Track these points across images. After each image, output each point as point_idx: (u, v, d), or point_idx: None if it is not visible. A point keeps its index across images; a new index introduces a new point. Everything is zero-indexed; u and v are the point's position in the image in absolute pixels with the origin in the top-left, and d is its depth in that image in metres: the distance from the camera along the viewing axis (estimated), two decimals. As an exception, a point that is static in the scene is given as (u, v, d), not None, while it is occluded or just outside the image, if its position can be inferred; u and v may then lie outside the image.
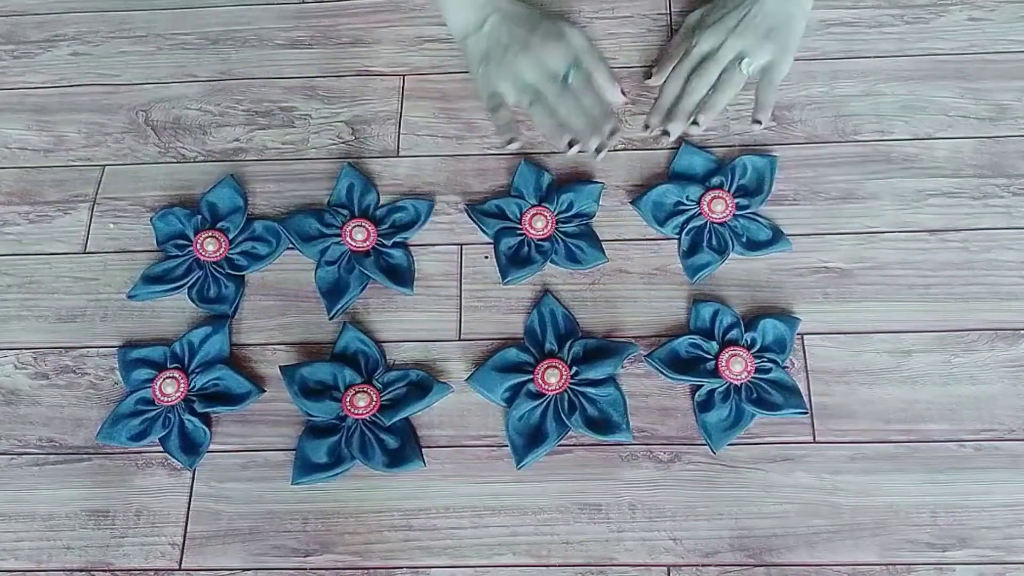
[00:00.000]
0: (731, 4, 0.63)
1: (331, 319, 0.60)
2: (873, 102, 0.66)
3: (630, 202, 0.63)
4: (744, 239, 0.61)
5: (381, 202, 0.64)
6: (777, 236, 0.61)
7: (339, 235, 0.62)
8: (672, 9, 0.71)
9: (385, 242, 0.62)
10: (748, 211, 0.61)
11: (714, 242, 0.61)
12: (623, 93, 0.63)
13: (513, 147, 0.60)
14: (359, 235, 0.61)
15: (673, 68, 0.62)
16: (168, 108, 0.69)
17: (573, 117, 0.59)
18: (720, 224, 0.61)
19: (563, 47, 0.61)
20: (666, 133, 0.60)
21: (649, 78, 0.66)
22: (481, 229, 0.62)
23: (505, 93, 0.61)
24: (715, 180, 0.62)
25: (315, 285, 0.61)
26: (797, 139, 0.64)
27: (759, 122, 0.60)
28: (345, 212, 0.63)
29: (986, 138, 0.64)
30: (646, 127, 0.61)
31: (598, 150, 0.59)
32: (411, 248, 0.63)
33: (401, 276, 0.61)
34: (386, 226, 0.63)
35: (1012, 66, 0.66)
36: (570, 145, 0.58)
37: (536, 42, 0.61)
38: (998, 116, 0.65)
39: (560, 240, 0.61)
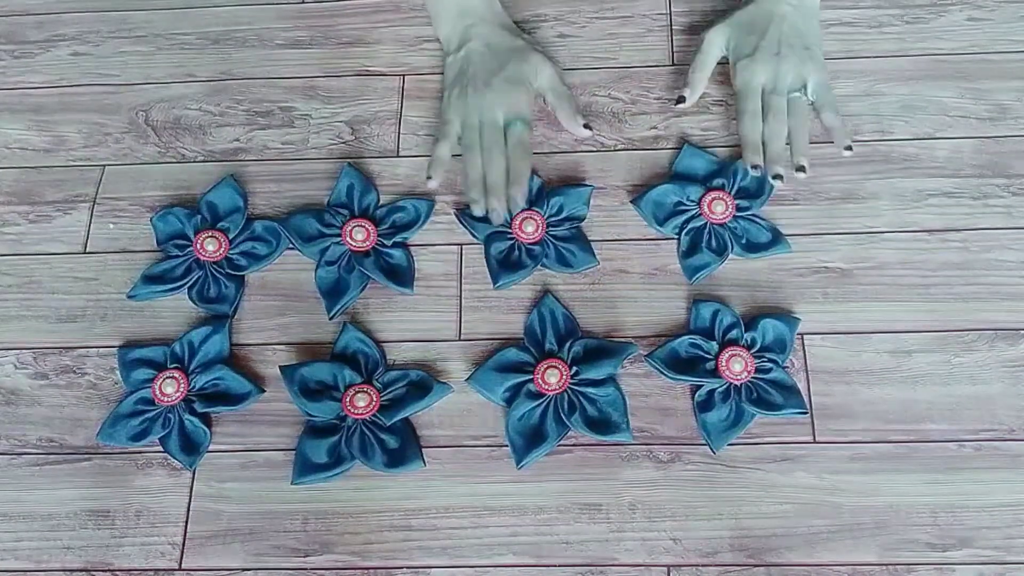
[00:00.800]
0: (758, 27, 0.63)
1: (331, 319, 0.60)
2: (873, 102, 0.66)
3: (630, 201, 0.63)
4: (744, 241, 0.61)
5: (381, 202, 0.64)
6: (776, 238, 0.61)
7: (339, 235, 0.62)
8: (672, 9, 0.71)
9: (385, 242, 0.62)
10: (748, 213, 0.61)
11: (713, 243, 0.61)
12: (587, 127, 0.64)
13: (430, 185, 0.61)
14: (359, 235, 0.61)
15: (741, 109, 0.61)
16: (168, 108, 0.69)
17: (491, 172, 0.61)
18: (720, 225, 0.61)
19: (519, 95, 0.63)
20: (778, 176, 0.59)
21: (681, 102, 0.64)
22: (471, 234, 0.62)
23: (455, 126, 0.63)
24: (716, 181, 0.62)
25: (315, 285, 0.61)
26: (797, 139, 0.64)
27: (850, 148, 0.60)
28: (345, 212, 0.63)
29: (986, 138, 0.64)
30: (754, 167, 0.59)
31: (491, 209, 0.59)
32: (411, 248, 0.63)
33: (401, 276, 0.61)
34: (386, 226, 0.63)
35: (1012, 66, 0.66)
36: (472, 203, 0.60)
37: (496, 85, 0.63)
38: (998, 116, 0.65)
39: (551, 244, 0.61)
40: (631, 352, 0.58)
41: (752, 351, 0.57)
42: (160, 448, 0.57)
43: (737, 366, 0.56)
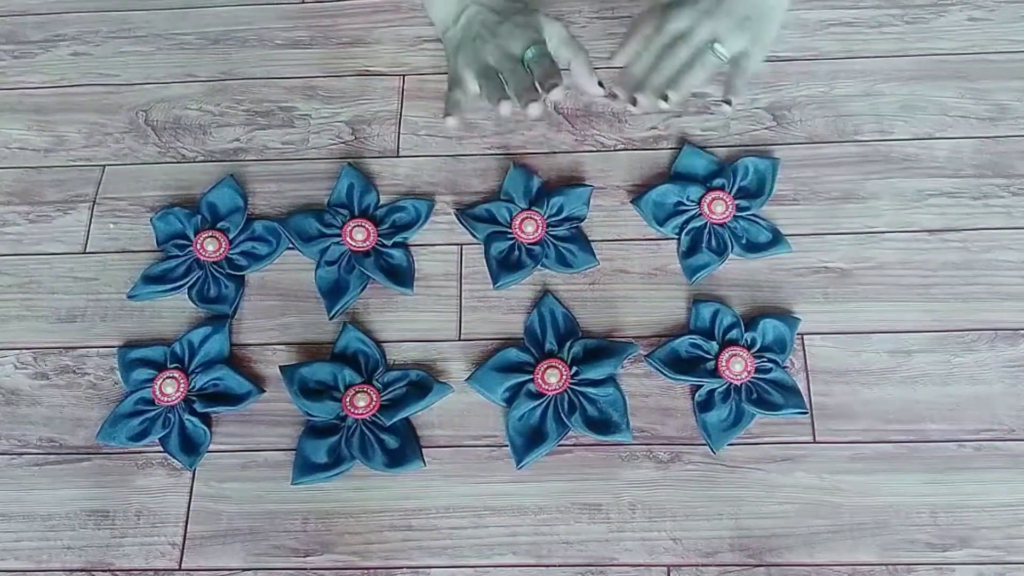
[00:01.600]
0: None
1: (331, 319, 0.60)
2: (873, 102, 0.66)
3: (630, 201, 0.63)
4: (744, 241, 0.61)
5: (381, 202, 0.64)
6: (777, 238, 0.61)
7: (339, 235, 0.62)
8: (672, 9, 0.71)
9: (385, 242, 0.62)
10: (748, 213, 0.61)
11: (713, 243, 0.61)
12: (600, 84, 0.59)
13: (449, 122, 0.56)
14: (359, 235, 0.61)
15: (636, 31, 0.58)
16: (168, 108, 0.69)
17: (521, 88, 0.56)
18: (720, 225, 0.61)
19: (528, 33, 0.58)
20: (634, 101, 0.56)
21: (612, 57, 0.61)
22: (471, 234, 0.62)
23: (466, 78, 0.58)
24: (716, 181, 0.62)
25: (315, 285, 0.61)
26: (797, 139, 0.64)
27: (729, 102, 0.56)
28: (345, 212, 0.63)
29: (986, 138, 0.64)
30: (612, 95, 0.57)
31: (530, 103, 0.54)
32: (411, 248, 0.63)
33: (401, 276, 0.61)
34: (386, 226, 0.63)
35: (1012, 66, 0.66)
36: (503, 101, 0.55)
37: (503, 30, 0.58)
38: (998, 116, 0.65)
39: (551, 244, 0.61)
40: (631, 352, 0.58)
41: (752, 351, 0.57)
42: (160, 448, 0.57)
43: (737, 366, 0.56)
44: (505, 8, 0.61)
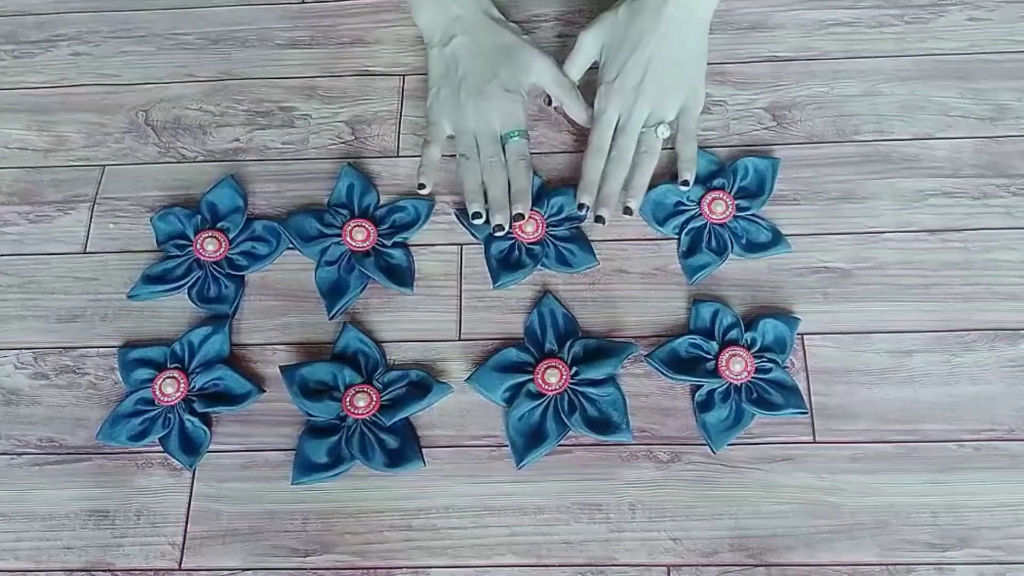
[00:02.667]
0: (629, 43, 0.61)
1: (331, 319, 0.60)
2: (873, 102, 0.66)
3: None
4: (744, 240, 0.61)
5: (381, 202, 0.64)
6: (777, 238, 0.61)
7: (339, 235, 0.62)
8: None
9: (385, 242, 0.62)
10: (748, 212, 0.61)
11: (713, 243, 0.61)
12: (590, 115, 0.63)
13: (422, 192, 0.61)
14: (359, 235, 0.61)
15: (589, 142, 0.61)
16: (168, 108, 0.69)
17: (492, 186, 0.60)
18: (720, 225, 0.61)
19: (516, 104, 0.62)
20: (600, 219, 0.59)
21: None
22: (471, 234, 0.62)
23: (445, 129, 0.62)
24: (716, 182, 0.62)
25: (315, 285, 0.61)
26: (797, 139, 0.64)
27: (687, 183, 0.60)
28: (345, 212, 0.63)
29: (986, 138, 0.64)
30: (581, 207, 0.60)
31: (498, 227, 0.59)
32: (411, 248, 0.63)
33: (401, 276, 0.61)
34: (386, 226, 0.63)
35: (1012, 66, 0.66)
36: (474, 216, 0.60)
37: (490, 92, 0.61)
38: (998, 116, 0.65)
39: (551, 243, 0.61)
40: (631, 352, 0.58)
41: (752, 351, 0.57)
42: (160, 448, 0.57)
43: (737, 366, 0.56)
44: (495, 49, 0.63)
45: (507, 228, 0.60)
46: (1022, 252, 0.60)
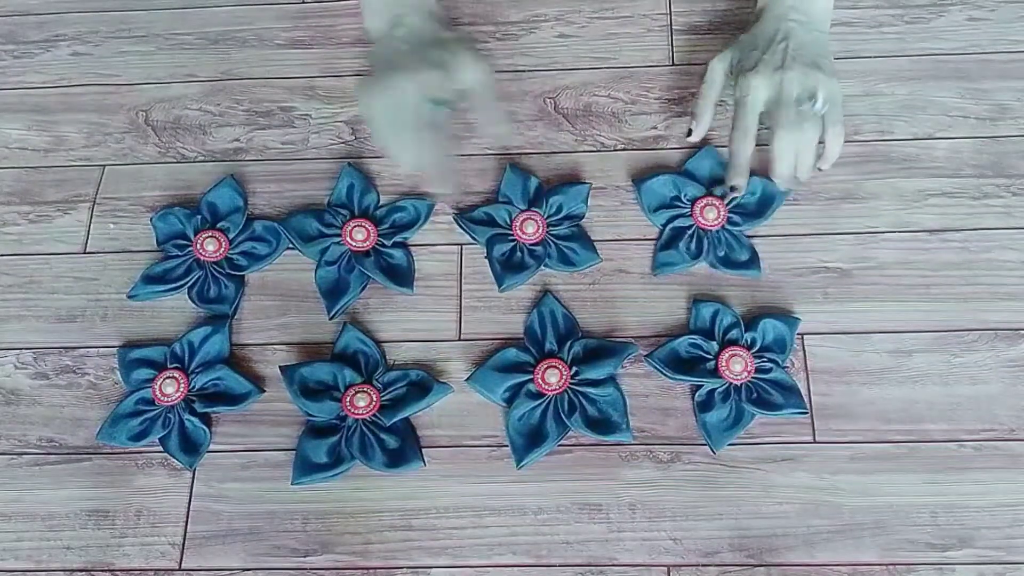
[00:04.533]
0: (762, 43, 0.59)
1: (331, 319, 0.60)
2: (873, 102, 0.66)
3: (632, 181, 0.63)
4: (722, 253, 0.60)
5: (381, 202, 0.64)
6: (752, 260, 0.60)
7: (339, 235, 0.62)
8: (672, 9, 0.71)
9: (385, 242, 0.62)
10: (737, 229, 0.61)
11: (692, 246, 0.60)
12: (507, 136, 0.62)
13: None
14: (359, 235, 0.61)
15: (735, 125, 0.58)
16: (168, 108, 0.69)
17: (423, 156, 0.56)
18: (704, 231, 0.61)
19: (443, 79, 0.57)
20: (781, 179, 0.57)
21: (689, 135, 0.61)
22: (472, 236, 0.62)
23: (374, 109, 0.57)
24: (718, 190, 0.61)
25: (315, 285, 0.61)
26: (797, 139, 0.64)
27: (820, 169, 0.58)
28: (345, 212, 0.63)
29: (986, 138, 0.64)
30: (734, 188, 0.57)
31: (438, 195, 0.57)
32: (411, 248, 0.63)
33: (401, 276, 0.61)
34: (386, 226, 0.63)
35: (1012, 66, 0.66)
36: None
37: (421, 69, 0.57)
38: (998, 116, 0.65)
39: (552, 243, 0.61)
40: (631, 352, 0.58)
41: (752, 351, 0.57)
42: (160, 448, 0.57)
43: (737, 366, 0.56)
44: (431, 38, 0.59)
45: (455, 191, 0.56)
46: (1022, 252, 0.60)
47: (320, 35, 0.71)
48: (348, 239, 0.61)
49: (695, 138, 0.61)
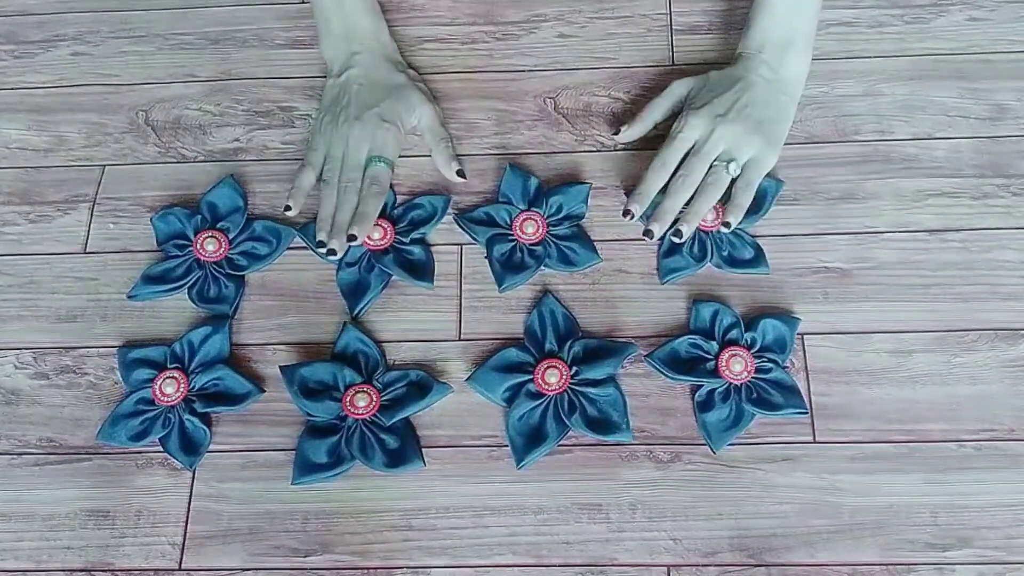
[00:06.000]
0: (722, 86, 0.61)
1: (354, 318, 0.60)
2: (873, 102, 0.66)
3: (625, 192, 0.63)
4: (726, 253, 0.60)
5: (398, 202, 0.64)
6: (758, 258, 0.60)
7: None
8: (672, 9, 0.71)
9: (403, 239, 0.62)
10: (737, 227, 0.61)
11: (695, 249, 0.60)
12: (461, 175, 0.63)
13: (289, 214, 0.62)
14: (376, 234, 0.62)
15: (657, 154, 0.60)
16: (168, 108, 0.69)
17: (341, 209, 0.61)
18: (704, 232, 0.61)
19: (387, 134, 0.63)
20: (648, 232, 0.58)
21: (617, 134, 0.64)
22: (472, 237, 0.62)
23: (318, 154, 0.63)
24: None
25: (337, 287, 0.61)
26: (797, 139, 0.64)
27: (728, 224, 0.58)
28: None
29: (986, 138, 0.64)
30: (627, 213, 0.58)
31: (330, 252, 0.59)
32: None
33: (421, 271, 0.61)
34: (404, 224, 0.63)
35: (1012, 66, 0.66)
36: (317, 245, 0.60)
37: (367, 119, 0.62)
38: (998, 116, 0.65)
39: (552, 243, 0.61)
40: (631, 352, 0.58)
41: (752, 351, 0.57)
42: (160, 448, 0.57)
43: (737, 366, 0.56)
44: (384, 85, 0.65)
45: (339, 253, 0.59)
46: (1022, 252, 0.60)
47: (320, 35, 0.71)
48: (366, 239, 0.61)
49: (621, 139, 0.64)
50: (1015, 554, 0.52)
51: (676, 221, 0.58)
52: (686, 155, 0.60)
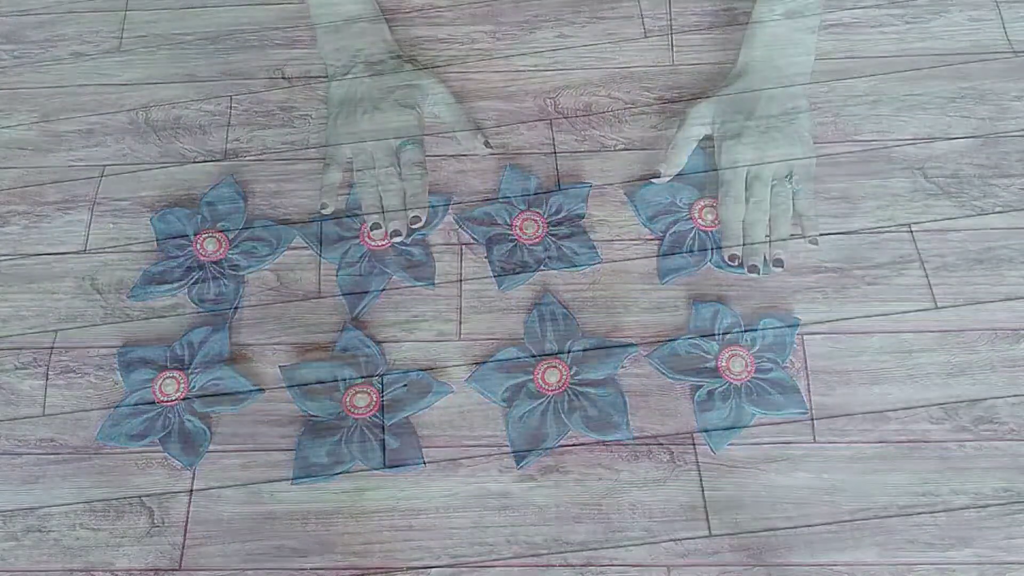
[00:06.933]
0: (744, 106, 0.62)
1: (354, 319, 0.60)
2: (873, 102, 0.66)
3: (625, 193, 0.63)
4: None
5: None
6: None
7: (357, 236, 0.62)
8: (672, 9, 0.71)
9: (404, 239, 0.62)
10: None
11: (695, 249, 0.60)
12: (487, 144, 0.64)
13: (325, 212, 0.62)
14: (377, 235, 0.62)
15: (724, 193, 0.60)
16: (168, 108, 0.69)
17: (388, 196, 0.61)
18: (705, 232, 0.61)
19: (410, 117, 0.63)
20: (755, 268, 0.59)
21: (657, 177, 0.62)
22: (472, 237, 0.62)
23: (344, 151, 0.64)
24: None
25: (337, 287, 0.61)
26: (797, 139, 0.64)
27: (816, 241, 0.60)
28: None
29: (986, 138, 0.64)
30: (733, 258, 0.59)
31: (395, 233, 0.60)
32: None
33: (420, 271, 0.61)
34: None
35: (1012, 66, 0.66)
36: (373, 227, 0.61)
37: (386, 107, 0.63)
38: (998, 116, 0.65)
39: (552, 243, 0.61)
40: (631, 352, 0.58)
41: (752, 351, 0.57)
42: (160, 448, 0.57)
43: (737, 366, 0.56)
44: (392, 74, 0.65)
45: (404, 234, 0.60)
46: (1022, 252, 0.60)
47: (320, 35, 0.71)
48: (366, 239, 0.61)
49: (663, 178, 0.63)
50: (1015, 554, 0.52)
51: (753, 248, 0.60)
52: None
